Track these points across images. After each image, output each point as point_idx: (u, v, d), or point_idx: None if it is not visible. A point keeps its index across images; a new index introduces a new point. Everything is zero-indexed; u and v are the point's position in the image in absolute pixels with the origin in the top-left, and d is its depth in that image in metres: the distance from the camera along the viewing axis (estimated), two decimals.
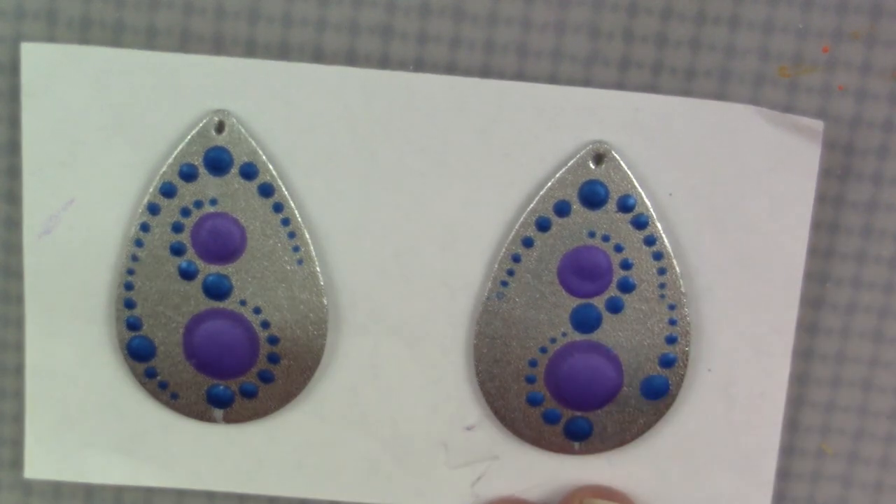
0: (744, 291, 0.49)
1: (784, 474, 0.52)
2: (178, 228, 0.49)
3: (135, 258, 0.49)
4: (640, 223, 0.49)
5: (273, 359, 0.50)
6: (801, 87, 0.49)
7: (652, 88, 0.49)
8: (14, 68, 0.49)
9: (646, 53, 0.49)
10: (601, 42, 0.49)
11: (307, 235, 0.49)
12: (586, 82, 0.49)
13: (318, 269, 0.49)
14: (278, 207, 0.49)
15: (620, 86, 0.49)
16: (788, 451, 0.52)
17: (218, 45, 0.49)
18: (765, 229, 0.49)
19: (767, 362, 0.50)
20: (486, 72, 0.49)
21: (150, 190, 0.49)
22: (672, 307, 0.49)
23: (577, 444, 0.51)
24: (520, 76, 0.49)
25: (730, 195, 0.49)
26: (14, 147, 0.50)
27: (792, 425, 0.51)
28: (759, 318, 0.49)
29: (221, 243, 0.49)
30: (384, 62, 0.49)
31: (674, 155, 0.49)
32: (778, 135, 0.48)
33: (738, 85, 0.49)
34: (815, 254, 0.50)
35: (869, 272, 0.50)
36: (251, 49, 0.49)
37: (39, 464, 0.52)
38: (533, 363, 0.50)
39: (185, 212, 0.49)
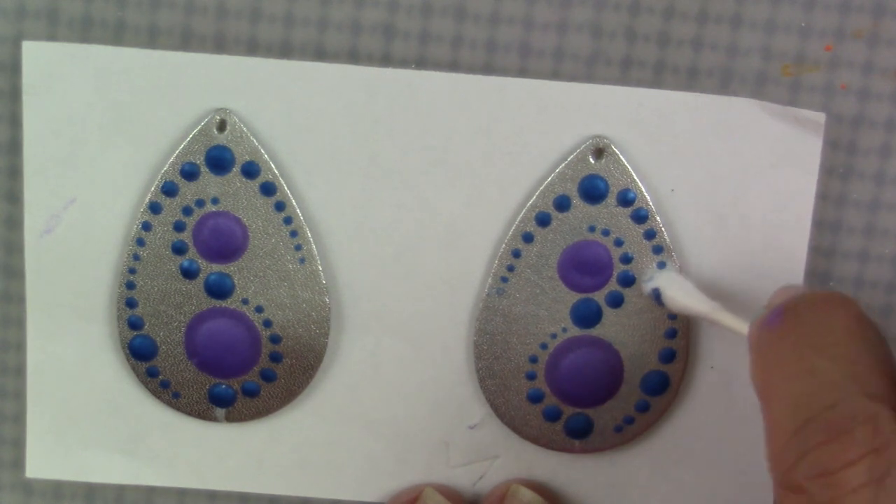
0: (745, 287, 0.49)
1: None
2: (179, 227, 0.49)
3: (136, 257, 0.49)
4: (640, 217, 0.49)
5: (275, 358, 0.50)
6: (803, 86, 0.49)
7: (654, 87, 0.49)
8: (15, 67, 0.49)
9: (648, 52, 0.49)
10: (603, 41, 0.49)
11: (309, 234, 0.49)
12: (589, 81, 0.49)
13: (319, 267, 0.49)
14: (280, 206, 0.49)
15: (623, 84, 0.49)
16: None
17: (219, 44, 0.49)
18: (767, 224, 0.49)
19: None
20: (488, 71, 0.49)
21: (152, 189, 0.49)
22: (662, 305, 0.49)
23: (577, 442, 0.51)
24: (522, 75, 0.49)
25: (732, 190, 0.49)
26: (15, 146, 0.50)
27: None
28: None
29: (223, 242, 0.49)
30: (386, 62, 0.49)
31: (676, 150, 0.48)
32: (780, 128, 0.48)
33: (740, 84, 0.49)
34: (817, 253, 0.50)
35: (871, 271, 0.50)
36: (253, 48, 0.49)
37: (41, 463, 0.52)
38: (533, 359, 0.50)
39: (187, 211, 0.49)
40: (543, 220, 0.49)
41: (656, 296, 0.48)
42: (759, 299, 0.49)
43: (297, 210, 0.49)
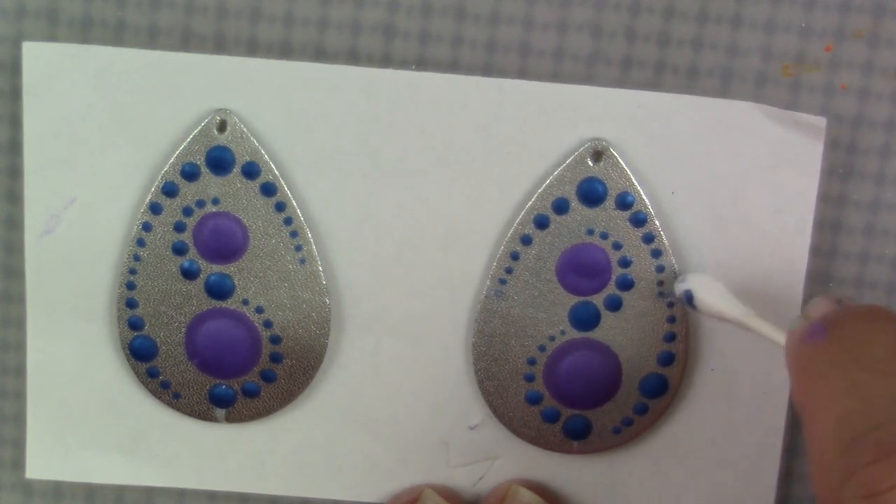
0: (745, 289, 0.49)
1: (787, 475, 0.52)
2: (180, 228, 0.49)
3: (136, 258, 0.49)
4: (639, 220, 0.49)
5: (275, 358, 0.50)
6: (803, 86, 0.49)
7: (654, 88, 0.49)
8: (15, 67, 0.49)
9: (648, 53, 0.49)
10: (603, 41, 0.49)
11: (309, 235, 0.49)
12: (588, 82, 0.49)
13: (320, 268, 0.49)
14: (280, 207, 0.49)
15: (622, 85, 0.49)
16: (791, 452, 0.51)
17: (219, 45, 0.49)
18: (767, 227, 0.49)
19: (769, 362, 0.50)
20: (487, 71, 0.49)
21: (152, 189, 0.49)
22: (671, 304, 0.49)
23: (575, 444, 0.51)
24: (522, 76, 0.49)
25: (732, 193, 0.49)
26: (15, 146, 0.50)
27: (795, 426, 0.51)
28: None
29: (223, 243, 0.49)
30: (386, 62, 0.49)
31: (676, 152, 0.48)
32: (780, 132, 0.48)
33: (740, 84, 0.49)
34: (818, 253, 0.50)
35: (871, 272, 0.50)
36: (253, 48, 0.49)
37: (41, 464, 0.52)
38: (532, 361, 0.50)
39: (187, 211, 0.49)
40: (542, 223, 0.49)
41: (688, 298, 0.48)
42: (760, 301, 0.49)
43: (297, 210, 0.49)
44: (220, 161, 0.49)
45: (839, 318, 0.39)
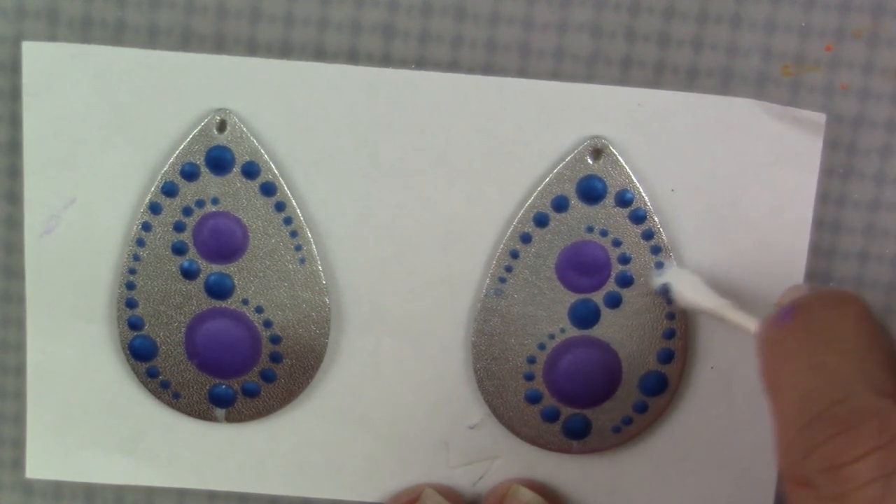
0: (745, 287, 0.49)
1: None
2: (179, 228, 0.49)
3: (136, 257, 0.49)
4: (638, 217, 0.49)
5: (275, 358, 0.50)
6: (804, 86, 0.49)
7: (654, 87, 0.49)
8: (15, 67, 0.49)
9: (648, 53, 0.49)
10: (603, 41, 0.49)
11: (309, 234, 0.49)
12: (588, 81, 0.49)
13: (319, 268, 0.49)
14: (280, 206, 0.49)
15: (622, 85, 0.49)
16: None
17: (219, 44, 0.49)
18: (766, 224, 0.49)
19: None
20: (488, 71, 0.49)
21: (152, 189, 0.49)
22: (670, 301, 0.49)
23: (575, 443, 0.51)
24: (522, 76, 0.49)
25: (731, 190, 0.49)
26: (15, 146, 0.50)
27: None
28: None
29: (223, 242, 0.49)
30: (386, 62, 0.49)
31: (675, 150, 0.48)
32: (780, 128, 0.48)
33: (740, 84, 0.49)
34: (817, 253, 0.50)
35: (871, 271, 0.50)
36: (253, 48, 0.49)
37: (41, 464, 0.52)
38: (531, 360, 0.50)
39: (187, 211, 0.49)
40: (541, 221, 0.49)
41: (664, 292, 0.48)
42: (759, 299, 0.49)
43: (297, 210, 0.49)
44: (219, 161, 0.49)
45: (806, 301, 0.40)
